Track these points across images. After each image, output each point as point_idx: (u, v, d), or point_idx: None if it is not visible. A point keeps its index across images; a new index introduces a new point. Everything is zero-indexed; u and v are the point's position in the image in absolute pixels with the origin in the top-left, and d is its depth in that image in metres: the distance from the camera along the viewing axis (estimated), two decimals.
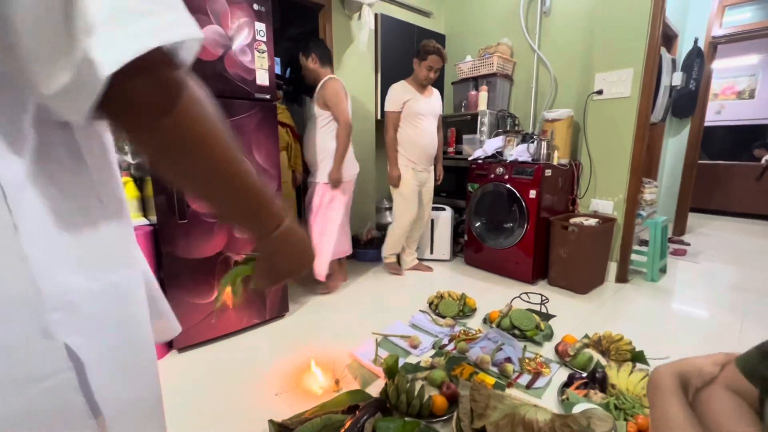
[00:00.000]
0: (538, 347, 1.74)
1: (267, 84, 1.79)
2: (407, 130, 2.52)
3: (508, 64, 3.05)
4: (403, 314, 2.07)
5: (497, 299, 2.28)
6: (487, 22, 3.23)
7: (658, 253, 2.59)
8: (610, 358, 1.58)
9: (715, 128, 5.44)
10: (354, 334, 1.88)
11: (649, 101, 2.36)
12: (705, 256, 3.18)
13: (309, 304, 2.25)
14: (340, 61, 2.83)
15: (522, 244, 2.51)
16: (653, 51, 2.28)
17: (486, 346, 1.68)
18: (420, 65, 2.42)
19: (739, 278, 2.70)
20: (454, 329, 1.89)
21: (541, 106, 2.97)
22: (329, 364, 1.60)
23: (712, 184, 4.99)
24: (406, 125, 2.51)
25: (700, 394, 0.53)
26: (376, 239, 3.08)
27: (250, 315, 1.90)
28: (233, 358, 1.68)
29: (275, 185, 1.90)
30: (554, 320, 2.00)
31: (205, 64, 1.59)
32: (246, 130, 1.75)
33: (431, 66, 2.39)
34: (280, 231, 0.50)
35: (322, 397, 1.39)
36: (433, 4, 3.47)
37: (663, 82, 2.90)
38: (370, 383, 1.49)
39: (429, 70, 2.40)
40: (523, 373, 1.52)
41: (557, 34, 2.82)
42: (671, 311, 2.21)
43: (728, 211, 4.98)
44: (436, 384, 1.40)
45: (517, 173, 2.49)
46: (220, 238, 1.74)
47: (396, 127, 2.52)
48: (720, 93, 5.48)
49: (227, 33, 1.63)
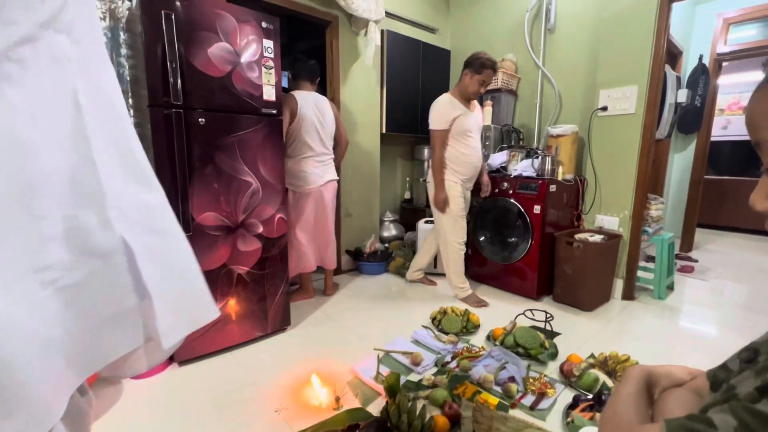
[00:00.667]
0: (543, 366, 1.71)
1: (274, 99, 1.82)
2: (457, 148, 2.33)
3: (513, 80, 3.07)
4: (405, 329, 2.05)
5: (501, 315, 2.25)
6: (492, 39, 3.27)
7: (665, 270, 2.56)
8: (616, 380, 1.55)
9: (722, 143, 5.40)
10: (355, 349, 1.86)
11: (654, 118, 2.36)
12: (713, 273, 3.13)
13: (311, 317, 2.24)
14: (347, 76, 2.88)
15: (526, 259, 2.49)
16: (658, 68, 2.29)
17: (489, 364, 1.66)
18: (472, 79, 2.23)
19: (748, 296, 2.65)
20: (457, 346, 1.87)
21: (545, 121, 2.98)
22: (330, 380, 1.58)
23: (719, 200, 4.94)
24: (455, 143, 2.32)
25: (662, 393, 0.55)
26: (379, 252, 3.07)
27: (252, 328, 1.90)
28: (234, 372, 1.67)
29: (280, 198, 1.91)
30: (559, 338, 1.97)
31: (213, 80, 1.62)
32: (252, 144, 1.77)
33: (485, 81, 2.23)
34: None
35: (322, 415, 1.37)
36: (438, 21, 3.52)
37: (668, 99, 2.91)
38: (371, 401, 1.47)
39: (481, 84, 2.24)
40: (527, 394, 1.49)
41: (561, 51, 2.84)
42: (679, 330, 2.17)
43: (736, 227, 4.91)
44: (438, 403, 1.38)
45: (521, 188, 2.48)
46: (224, 251, 1.74)
47: (444, 145, 2.32)
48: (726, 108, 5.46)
49: (235, 50, 1.66)
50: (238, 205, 1.76)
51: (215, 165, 1.67)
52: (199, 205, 1.64)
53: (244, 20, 1.67)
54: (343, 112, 2.88)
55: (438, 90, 3.50)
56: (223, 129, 1.68)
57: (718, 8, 3.52)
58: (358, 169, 3.07)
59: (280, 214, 1.92)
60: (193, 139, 1.60)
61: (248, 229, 1.81)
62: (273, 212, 1.89)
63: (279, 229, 1.92)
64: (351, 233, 3.11)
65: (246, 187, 1.77)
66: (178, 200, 1.58)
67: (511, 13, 3.10)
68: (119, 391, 1.52)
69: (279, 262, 1.95)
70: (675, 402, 0.51)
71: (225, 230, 1.73)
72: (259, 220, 1.84)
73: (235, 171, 1.73)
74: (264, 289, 1.91)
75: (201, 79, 1.59)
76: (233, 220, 1.75)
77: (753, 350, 0.41)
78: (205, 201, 1.66)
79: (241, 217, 1.78)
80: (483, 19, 3.34)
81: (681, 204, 3.89)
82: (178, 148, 1.55)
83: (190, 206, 1.62)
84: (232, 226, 1.75)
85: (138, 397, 1.49)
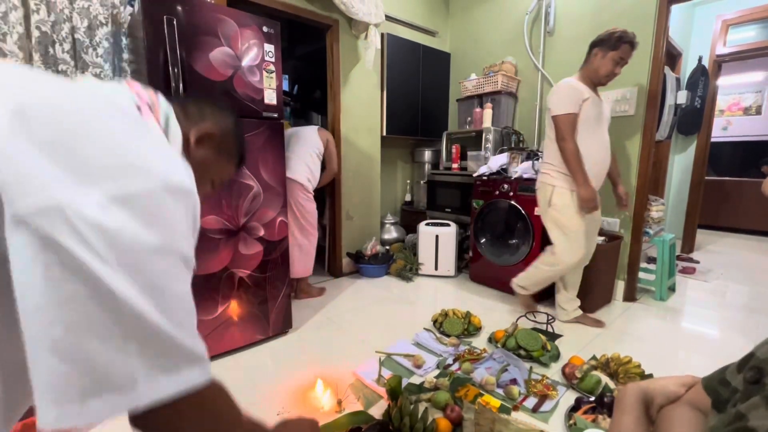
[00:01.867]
0: (545, 368, 1.71)
1: (275, 103, 1.83)
2: (584, 141, 1.93)
3: (513, 82, 3.08)
4: (406, 332, 2.05)
5: (502, 317, 2.25)
6: (492, 41, 3.28)
7: (666, 271, 2.56)
8: (618, 382, 1.55)
9: (723, 144, 5.41)
10: (357, 351, 1.86)
11: (654, 119, 2.36)
12: (715, 274, 3.13)
13: (312, 320, 2.24)
14: (347, 79, 2.89)
15: (528, 261, 2.48)
16: (657, 69, 2.30)
17: (491, 366, 1.66)
18: (605, 57, 1.88)
19: (750, 297, 2.65)
20: (458, 348, 1.87)
21: (545, 123, 2.98)
22: (332, 383, 1.58)
23: (720, 201, 4.94)
24: (582, 134, 1.94)
25: (662, 411, 0.55)
26: (380, 254, 3.07)
27: (253, 331, 1.90)
28: (235, 376, 1.67)
29: (281, 201, 1.91)
30: (561, 340, 1.97)
31: (215, 84, 1.63)
32: (253, 148, 1.78)
33: (622, 58, 1.88)
34: None
35: (324, 418, 1.37)
36: (438, 24, 3.54)
37: (668, 100, 2.91)
38: (373, 404, 1.47)
39: (617, 63, 1.89)
40: (529, 396, 1.49)
41: (561, 53, 2.85)
42: (681, 331, 2.17)
43: (738, 228, 4.91)
44: (440, 406, 1.38)
45: (522, 190, 2.48)
46: (226, 254, 1.75)
47: (574, 133, 1.91)
48: (726, 109, 5.47)
49: (237, 54, 1.67)
50: (239, 208, 1.76)
51: None
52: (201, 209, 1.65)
53: (245, 24, 1.68)
54: (343, 115, 2.89)
55: (438, 93, 3.54)
56: None
57: (717, 10, 3.54)
58: (358, 171, 3.07)
59: (281, 218, 1.92)
60: None
61: (249, 232, 1.81)
62: (274, 215, 1.89)
63: (280, 232, 1.93)
64: (352, 236, 3.11)
65: (247, 191, 1.78)
66: None
67: (511, 16, 3.11)
68: None
69: (280, 265, 1.95)
70: (679, 425, 0.50)
71: (226, 233, 1.74)
72: (260, 224, 1.84)
73: (237, 174, 1.74)
74: (265, 292, 1.91)
75: (203, 84, 1.60)
76: (235, 223, 1.76)
77: (757, 369, 0.40)
78: (206, 204, 1.66)
79: (242, 220, 1.78)
80: (482, 21, 3.35)
81: (682, 205, 3.89)
82: None
83: None
84: (233, 229, 1.76)
85: None
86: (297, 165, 2.40)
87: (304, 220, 2.44)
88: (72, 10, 1.81)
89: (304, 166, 2.43)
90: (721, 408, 0.45)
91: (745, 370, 0.43)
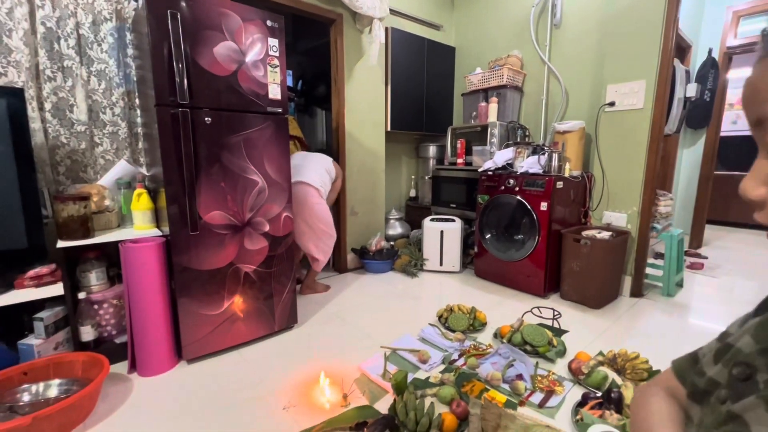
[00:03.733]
0: (551, 364, 1.70)
1: (279, 98, 1.82)
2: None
3: (519, 76, 3.05)
4: (412, 327, 2.05)
5: (508, 313, 2.24)
6: (497, 35, 3.24)
7: (674, 266, 2.53)
8: (625, 377, 1.54)
9: (732, 138, 5.32)
10: (362, 347, 1.86)
11: (663, 113, 2.33)
12: (723, 270, 3.09)
13: (318, 315, 2.25)
14: (352, 73, 2.87)
15: (533, 256, 2.48)
16: (666, 62, 2.26)
17: (497, 362, 1.65)
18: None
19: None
20: (464, 344, 1.86)
21: (551, 117, 2.95)
22: (338, 377, 1.59)
23: (729, 196, 4.87)
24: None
25: (636, 395, 0.55)
26: (385, 250, 3.07)
27: (259, 326, 1.91)
28: (242, 370, 1.68)
29: (286, 197, 1.91)
30: (567, 336, 1.96)
31: (219, 79, 1.63)
32: (258, 143, 1.77)
33: None
34: None
35: (330, 412, 1.38)
36: (443, 18, 3.50)
37: (677, 93, 2.86)
38: (379, 398, 1.47)
39: None
40: (536, 391, 1.48)
41: (568, 46, 2.81)
42: (688, 327, 2.15)
43: (747, 223, 4.85)
44: (446, 401, 1.38)
45: (527, 185, 2.46)
46: (231, 250, 1.75)
47: None
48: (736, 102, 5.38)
49: (241, 48, 1.66)
50: (244, 203, 1.76)
51: (222, 164, 1.67)
52: (206, 204, 1.65)
53: (249, 19, 1.67)
54: (348, 111, 2.88)
55: (443, 88, 3.51)
56: (229, 128, 1.68)
57: (728, 1, 3.47)
58: (363, 167, 3.06)
59: (286, 213, 1.92)
60: (200, 138, 1.61)
61: (255, 227, 1.81)
62: (279, 210, 1.89)
63: (285, 227, 1.93)
64: (356, 231, 3.11)
65: (252, 186, 1.78)
66: (185, 199, 1.59)
67: (517, 9, 3.07)
68: (129, 388, 1.54)
69: (286, 260, 1.95)
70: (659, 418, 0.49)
71: (232, 229, 1.74)
72: (265, 219, 1.84)
73: (242, 170, 1.73)
74: (271, 287, 1.91)
75: (207, 79, 1.60)
76: (240, 218, 1.76)
77: (746, 365, 0.37)
78: (212, 200, 1.66)
79: (247, 215, 1.78)
80: (488, 14, 3.31)
81: (690, 200, 3.84)
82: (185, 147, 1.56)
83: (198, 205, 1.63)
84: (239, 224, 1.76)
85: (147, 395, 1.51)
86: (310, 172, 2.38)
87: (321, 223, 2.40)
88: (77, 5, 1.81)
89: (317, 175, 2.40)
90: (701, 400, 0.43)
91: (729, 364, 0.40)
